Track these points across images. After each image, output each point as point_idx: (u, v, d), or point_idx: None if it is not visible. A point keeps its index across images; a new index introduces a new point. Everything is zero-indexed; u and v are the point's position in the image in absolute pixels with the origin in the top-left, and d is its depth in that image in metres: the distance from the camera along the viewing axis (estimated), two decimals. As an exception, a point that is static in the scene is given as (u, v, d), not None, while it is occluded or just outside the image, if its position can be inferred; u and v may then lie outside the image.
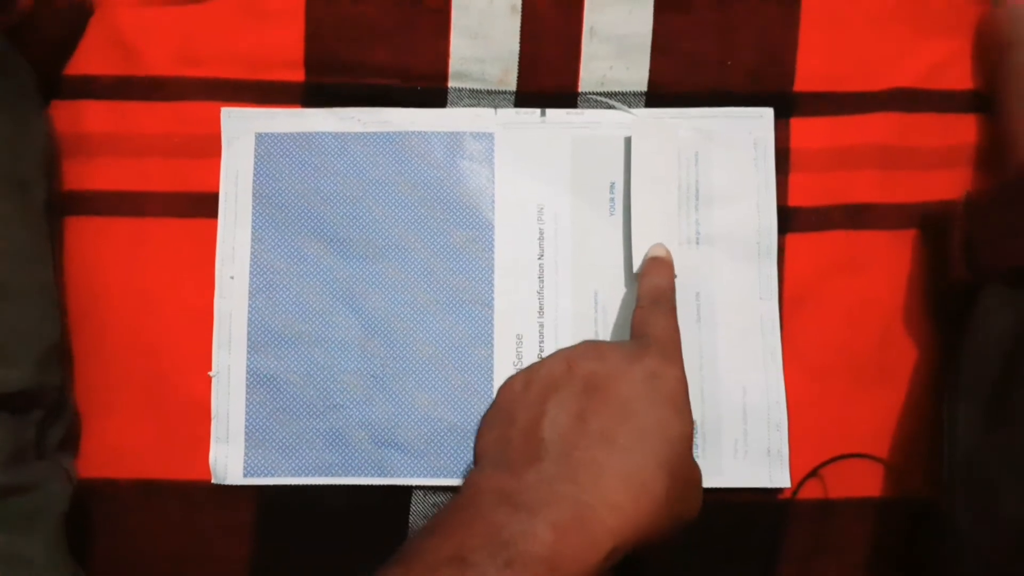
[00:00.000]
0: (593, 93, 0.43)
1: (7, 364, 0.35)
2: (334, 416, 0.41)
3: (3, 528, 0.34)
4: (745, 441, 0.41)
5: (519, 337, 0.42)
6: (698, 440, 0.41)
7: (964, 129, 0.42)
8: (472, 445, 0.40)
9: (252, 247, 0.42)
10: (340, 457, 0.41)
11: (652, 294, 0.37)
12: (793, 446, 0.41)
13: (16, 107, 0.38)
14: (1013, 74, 0.40)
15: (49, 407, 0.37)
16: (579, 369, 0.32)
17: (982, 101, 0.42)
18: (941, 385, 0.40)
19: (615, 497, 0.28)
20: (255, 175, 0.42)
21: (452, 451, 0.41)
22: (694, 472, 0.33)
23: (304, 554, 0.41)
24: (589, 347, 0.35)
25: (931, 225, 0.42)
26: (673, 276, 0.39)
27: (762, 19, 0.42)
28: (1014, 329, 0.36)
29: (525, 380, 0.33)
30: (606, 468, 0.28)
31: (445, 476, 0.41)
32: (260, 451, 0.41)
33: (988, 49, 0.42)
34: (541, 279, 0.42)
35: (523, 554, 0.26)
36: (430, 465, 0.41)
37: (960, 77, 0.42)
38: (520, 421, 0.31)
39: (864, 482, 0.41)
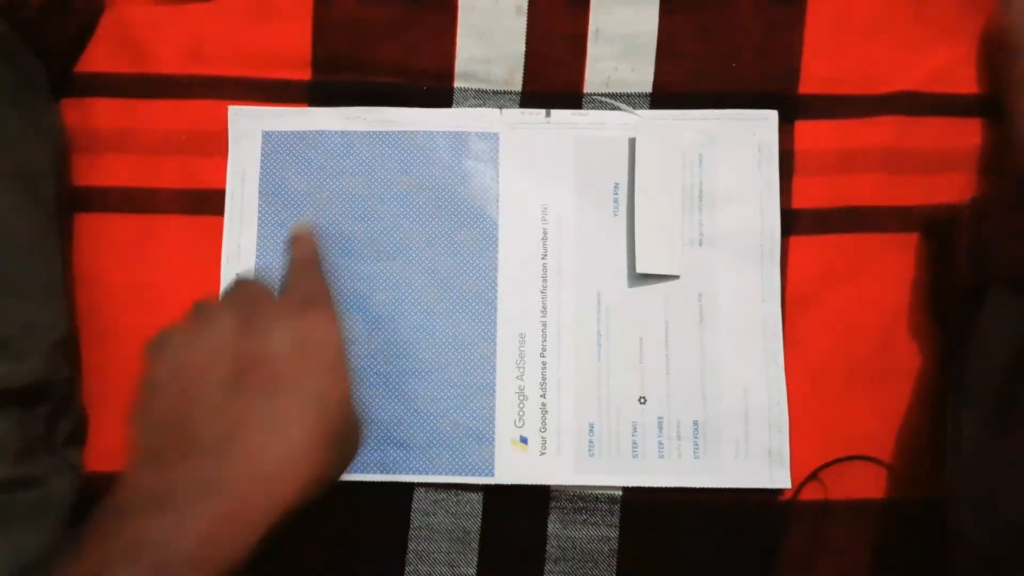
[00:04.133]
0: (598, 94, 0.43)
1: (16, 358, 0.35)
2: (338, 413, 0.41)
3: (10, 520, 0.34)
4: (746, 442, 0.41)
5: (522, 336, 0.42)
6: (699, 441, 0.41)
7: (968, 133, 0.42)
8: (473, 446, 0.41)
9: (258, 244, 0.42)
10: (343, 453, 0.41)
11: (299, 262, 0.36)
12: (794, 447, 0.41)
13: (27, 104, 0.38)
14: (1020, 80, 0.40)
15: (57, 401, 0.38)
16: (228, 335, 0.30)
17: (986, 105, 0.42)
18: (943, 388, 0.40)
19: (276, 476, 0.28)
20: (261, 173, 0.42)
21: (454, 449, 0.41)
22: (352, 423, 0.32)
23: (307, 550, 0.41)
24: (236, 306, 0.32)
25: (934, 229, 0.42)
26: (315, 247, 0.37)
27: (767, 22, 0.42)
28: (1019, 334, 0.36)
29: (174, 355, 0.30)
30: (263, 449, 0.28)
31: (447, 473, 0.41)
32: (264, 447, 0.41)
33: (995, 55, 0.42)
34: (544, 278, 0.42)
35: (169, 558, 0.25)
36: (432, 462, 0.41)
37: (964, 81, 0.42)
38: (172, 404, 0.29)
39: (865, 484, 0.41)
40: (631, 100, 0.43)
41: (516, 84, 0.43)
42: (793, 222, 0.42)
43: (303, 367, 0.30)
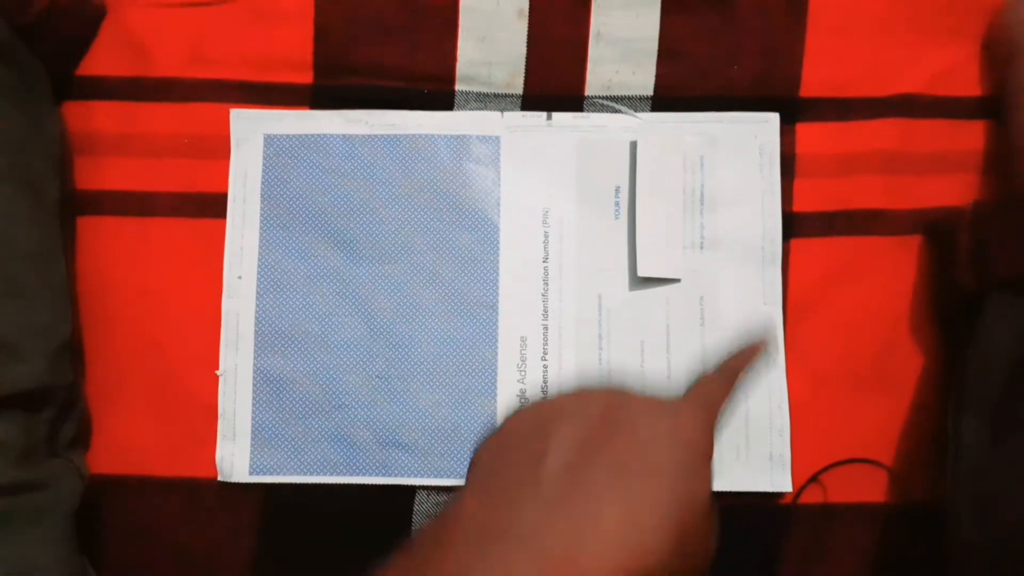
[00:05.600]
0: (599, 97, 0.43)
1: (20, 361, 0.36)
2: (339, 416, 0.41)
3: (14, 524, 0.34)
4: (747, 445, 0.41)
5: (523, 339, 0.42)
6: (700, 444, 0.41)
7: (970, 135, 0.42)
8: (473, 448, 0.41)
9: (260, 247, 0.42)
10: (345, 456, 0.41)
11: (729, 371, 0.34)
12: (795, 451, 0.41)
13: (29, 107, 0.38)
14: (1021, 82, 0.40)
15: (61, 404, 0.38)
16: (597, 404, 0.29)
17: (988, 107, 0.42)
18: (944, 392, 0.40)
19: (614, 536, 0.25)
20: (263, 176, 0.42)
21: (456, 452, 0.41)
22: (707, 530, 0.29)
23: (308, 551, 0.41)
24: (613, 388, 0.31)
25: (936, 231, 0.42)
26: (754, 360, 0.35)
27: (769, 24, 0.42)
28: (1020, 338, 0.36)
29: (535, 410, 0.30)
30: (609, 504, 0.25)
31: (449, 476, 0.41)
32: (266, 450, 0.41)
33: (997, 57, 0.42)
34: (546, 282, 0.42)
35: None
36: (434, 465, 0.41)
37: (966, 83, 0.42)
38: (522, 451, 0.28)
39: (865, 487, 0.41)
40: (632, 103, 0.43)
41: (517, 87, 0.43)
42: (794, 225, 0.42)
43: (670, 445, 0.27)
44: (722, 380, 0.33)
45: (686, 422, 0.29)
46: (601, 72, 0.43)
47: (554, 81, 0.43)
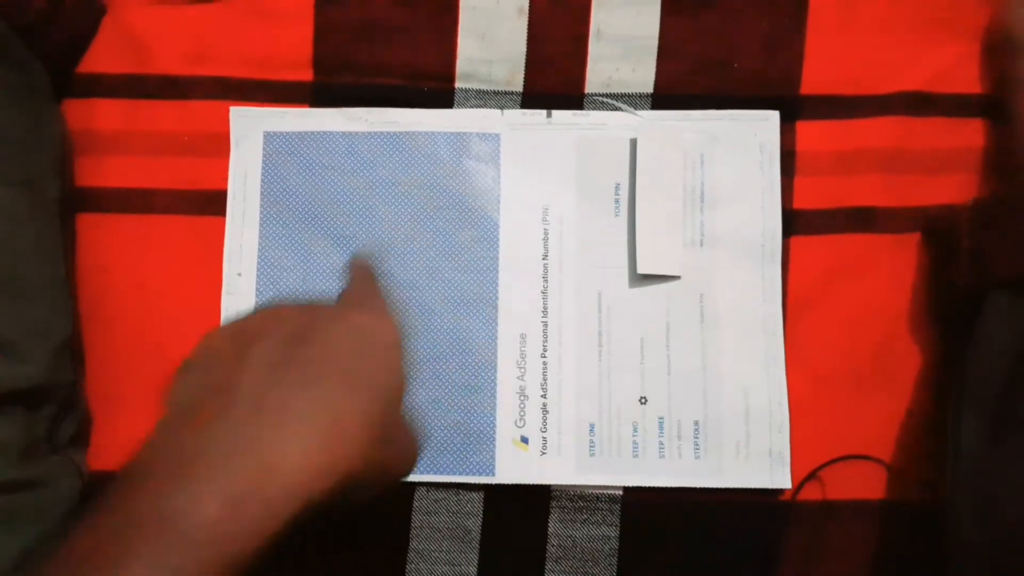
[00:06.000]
0: (599, 95, 0.43)
1: (20, 360, 0.36)
2: (339, 413, 0.41)
3: (14, 522, 0.35)
4: (747, 442, 0.41)
5: (523, 336, 0.42)
6: (699, 441, 0.41)
7: (970, 133, 0.42)
8: (474, 446, 0.41)
9: (259, 245, 0.42)
10: (345, 453, 0.41)
11: (357, 279, 0.36)
12: (794, 448, 0.41)
13: (29, 105, 0.38)
14: (1022, 80, 0.40)
15: (61, 402, 0.38)
16: (288, 321, 0.29)
17: (988, 105, 0.42)
18: (944, 389, 0.40)
19: (305, 442, 0.25)
20: (263, 174, 0.42)
21: (455, 448, 0.41)
22: (404, 428, 0.31)
23: (307, 548, 0.41)
24: (299, 305, 0.32)
25: (936, 229, 0.42)
26: (372, 269, 0.37)
27: (769, 22, 0.42)
28: (1020, 336, 0.36)
29: (229, 331, 0.30)
30: (300, 411, 0.26)
31: (448, 473, 0.41)
32: (266, 447, 0.41)
33: (997, 55, 0.42)
34: (545, 279, 0.42)
35: (188, 529, 0.23)
36: (433, 462, 0.41)
37: (966, 81, 0.42)
38: (216, 369, 0.28)
39: (865, 484, 0.41)
40: (632, 101, 0.43)
41: (517, 85, 0.43)
42: (794, 222, 0.42)
43: (358, 347, 0.28)
44: (364, 287, 0.35)
45: (368, 324, 0.29)
46: (601, 69, 0.43)
47: (554, 79, 0.43)
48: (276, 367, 0.27)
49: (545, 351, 0.42)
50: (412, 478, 0.41)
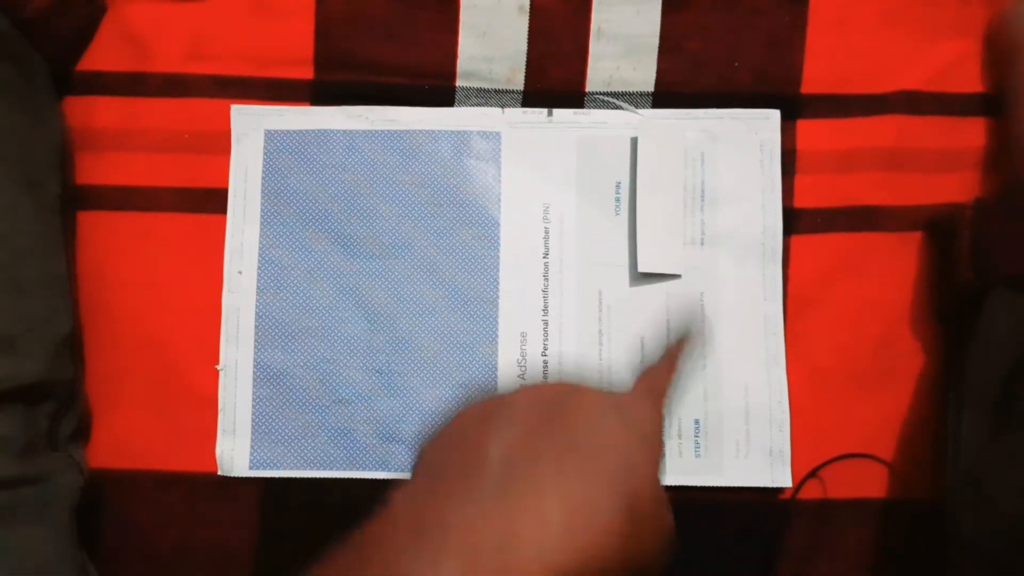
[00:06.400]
0: (600, 93, 0.43)
1: (21, 356, 0.36)
2: (339, 411, 0.41)
3: (14, 518, 0.34)
4: (747, 441, 0.41)
5: (523, 335, 0.42)
6: (699, 439, 0.41)
7: (970, 132, 0.42)
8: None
9: (260, 243, 0.42)
10: (345, 451, 0.41)
11: (665, 364, 0.34)
12: (795, 447, 0.41)
13: (30, 103, 0.38)
14: (1022, 79, 0.40)
15: (61, 399, 0.38)
16: (544, 398, 0.29)
17: (989, 104, 0.42)
18: (944, 388, 0.40)
19: (549, 520, 0.24)
20: (264, 171, 0.42)
21: (456, 447, 0.41)
22: (661, 514, 0.28)
23: (308, 546, 0.41)
24: (562, 383, 0.31)
25: (937, 228, 0.42)
26: (681, 357, 0.35)
27: (770, 21, 0.42)
28: (1020, 334, 0.36)
29: (483, 406, 0.30)
30: (549, 487, 0.25)
31: (449, 472, 0.41)
32: (266, 444, 0.41)
33: (998, 53, 0.42)
34: (546, 277, 0.42)
35: None
36: (434, 460, 0.41)
37: (967, 80, 0.42)
38: (468, 441, 0.27)
39: (865, 483, 0.41)
40: (633, 99, 0.43)
41: (518, 83, 0.43)
42: (795, 221, 0.42)
43: (615, 427, 0.27)
44: (665, 367, 0.33)
45: (633, 410, 0.29)
46: (602, 68, 0.43)
47: (555, 77, 0.43)
48: (528, 443, 0.26)
49: (545, 349, 0.42)
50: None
